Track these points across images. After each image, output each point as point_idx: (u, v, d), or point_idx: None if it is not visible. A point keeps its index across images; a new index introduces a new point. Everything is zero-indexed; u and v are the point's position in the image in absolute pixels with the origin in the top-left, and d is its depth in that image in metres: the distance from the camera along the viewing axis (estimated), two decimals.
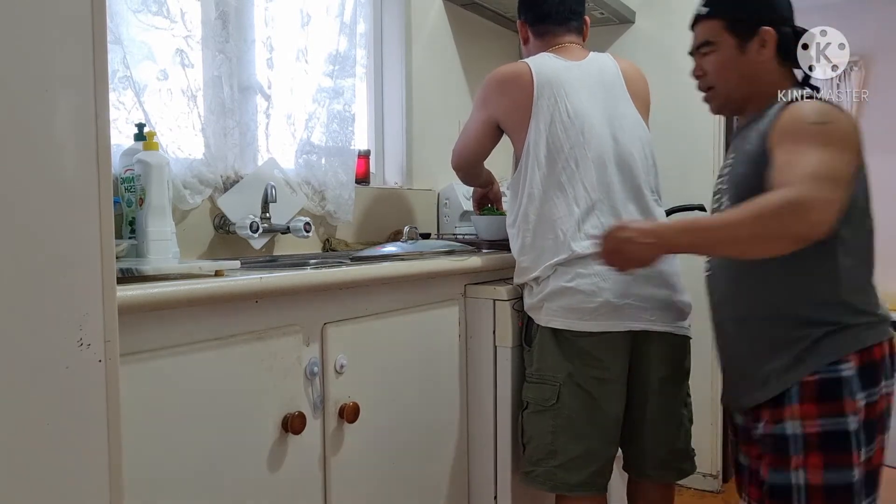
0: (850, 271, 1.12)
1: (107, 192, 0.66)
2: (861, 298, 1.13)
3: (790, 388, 1.11)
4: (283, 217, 1.63)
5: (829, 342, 1.10)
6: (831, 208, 1.00)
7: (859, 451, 1.08)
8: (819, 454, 1.08)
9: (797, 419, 1.10)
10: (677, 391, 1.50)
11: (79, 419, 0.66)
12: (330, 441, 1.20)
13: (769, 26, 1.20)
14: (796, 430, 1.10)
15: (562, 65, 1.48)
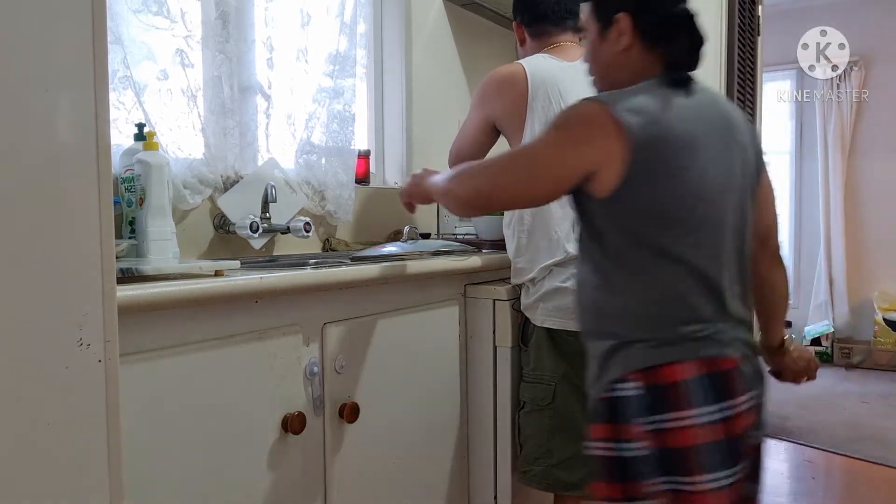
0: (654, 280, 0.98)
1: (107, 191, 0.66)
2: (661, 311, 0.97)
3: (595, 405, 1.01)
4: (283, 217, 1.64)
5: (617, 358, 0.98)
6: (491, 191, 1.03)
7: (640, 482, 0.95)
8: (601, 482, 0.98)
9: (593, 440, 0.99)
10: None
11: (79, 419, 0.66)
12: (330, 441, 1.20)
13: (627, 12, 1.07)
14: (593, 451, 0.99)
15: (556, 65, 1.48)
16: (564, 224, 1.41)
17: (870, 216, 4.65)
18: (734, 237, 1.02)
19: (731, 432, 0.93)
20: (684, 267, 0.97)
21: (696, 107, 1.04)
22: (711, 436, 0.92)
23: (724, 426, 0.93)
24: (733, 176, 1.03)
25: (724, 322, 0.98)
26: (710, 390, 0.93)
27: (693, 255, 0.97)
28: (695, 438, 0.92)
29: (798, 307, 4.96)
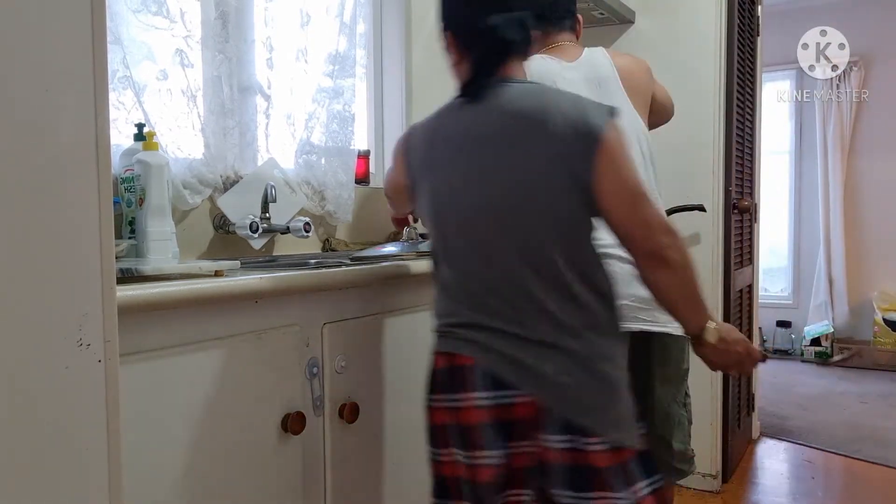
0: (435, 278, 1.17)
1: (106, 192, 0.66)
2: (435, 306, 1.16)
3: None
4: (283, 217, 1.64)
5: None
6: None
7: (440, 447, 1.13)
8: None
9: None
10: (676, 391, 1.50)
11: (78, 419, 0.66)
12: (330, 441, 1.20)
13: (449, 29, 1.17)
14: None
15: (556, 66, 1.48)
16: None
17: (869, 216, 4.65)
18: (498, 249, 1.07)
19: (461, 421, 1.08)
20: (447, 271, 1.12)
21: (458, 123, 1.12)
22: (448, 419, 1.10)
23: (456, 414, 1.08)
24: (487, 189, 1.07)
25: (471, 326, 1.08)
26: (448, 380, 1.09)
27: (450, 263, 1.11)
28: (441, 418, 1.11)
29: (798, 307, 4.96)
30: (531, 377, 1.05)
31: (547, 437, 1.05)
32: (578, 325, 1.06)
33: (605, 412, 1.06)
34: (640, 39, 2.55)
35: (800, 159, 4.94)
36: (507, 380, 1.05)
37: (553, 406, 1.04)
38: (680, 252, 1.07)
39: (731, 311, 2.51)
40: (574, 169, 1.03)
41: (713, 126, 2.43)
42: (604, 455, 1.04)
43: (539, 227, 1.05)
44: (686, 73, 2.44)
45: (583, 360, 1.05)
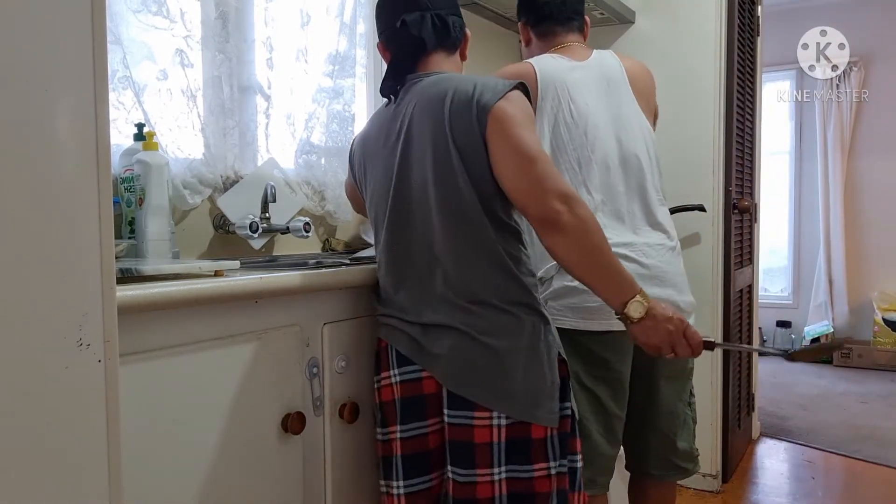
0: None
1: (106, 192, 0.66)
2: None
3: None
4: (283, 217, 1.64)
5: None
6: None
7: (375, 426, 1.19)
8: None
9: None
10: (681, 391, 1.50)
11: (78, 419, 0.66)
12: (329, 441, 1.20)
13: (379, 38, 1.28)
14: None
15: (566, 65, 1.48)
16: None
17: (869, 216, 4.65)
18: (414, 229, 1.13)
19: (380, 398, 1.17)
20: (380, 260, 1.20)
21: (381, 123, 1.21)
22: (374, 400, 1.19)
23: (378, 393, 1.18)
24: (403, 171, 1.13)
25: (386, 308, 1.18)
26: (375, 364, 1.20)
27: (382, 252, 1.18)
28: (382, 400, 1.17)
29: (798, 307, 4.96)
30: (426, 354, 1.11)
31: (444, 411, 1.10)
32: (474, 297, 1.09)
33: (491, 385, 1.07)
34: (641, 39, 2.55)
35: (800, 159, 4.94)
36: (412, 358, 1.12)
37: (441, 381, 1.10)
38: (575, 217, 1.04)
39: (731, 311, 2.51)
40: (469, 140, 1.07)
41: (713, 126, 2.43)
42: (487, 430, 1.06)
43: (445, 203, 1.09)
44: (686, 73, 2.44)
45: (470, 334, 1.08)
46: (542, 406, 1.08)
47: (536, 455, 1.07)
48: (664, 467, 1.51)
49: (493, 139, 1.07)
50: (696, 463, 1.54)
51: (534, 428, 1.07)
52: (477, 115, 1.07)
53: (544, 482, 1.08)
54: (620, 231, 1.40)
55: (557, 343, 1.15)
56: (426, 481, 1.13)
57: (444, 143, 1.09)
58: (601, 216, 1.41)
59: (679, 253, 1.48)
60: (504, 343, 1.08)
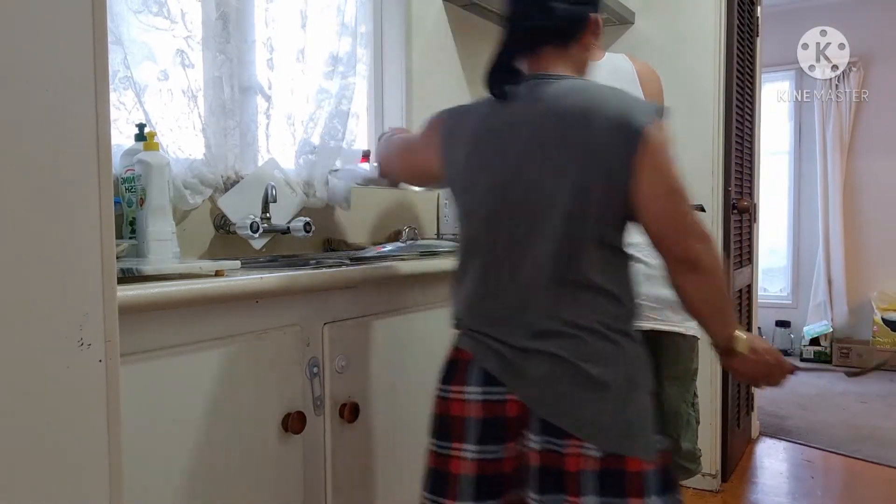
0: (454, 277, 1.19)
1: (107, 192, 0.67)
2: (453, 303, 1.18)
3: None
4: (284, 217, 1.64)
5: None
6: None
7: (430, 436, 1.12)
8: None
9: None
10: (684, 391, 1.51)
11: (79, 419, 0.66)
12: (330, 441, 1.20)
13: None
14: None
15: None
16: None
17: (869, 216, 4.65)
18: (526, 244, 1.05)
19: (444, 410, 1.09)
20: (468, 265, 1.14)
21: (490, 109, 1.12)
22: (435, 409, 1.11)
23: (442, 403, 1.10)
24: (520, 181, 1.05)
25: (473, 320, 1.11)
26: (444, 372, 1.12)
27: (472, 257, 1.12)
28: (433, 407, 1.12)
29: (797, 307, 4.97)
30: (518, 378, 1.04)
31: (529, 436, 1.04)
32: (580, 322, 1.03)
33: (586, 415, 1.02)
34: (640, 40, 2.55)
35: (799, 159, 4.94)
36: (500, 378, 1.05)
37: (532, 406, 1.03)
38: (712, 258, 1.05)
39: None
40: (612, 167, 1.00)
41: (712, 126, 2.44)
42: (578, 459, 1.01)
43: (571, 224, 1.02)
44: (686, 73, 2.44)
45: (569, 360, 1.02)
46: (638, 439, 1.03)
47: (631, 489, 1.01)
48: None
49: (644, 169, 1.00)
50: (698, 463, 1.54)
51: (629, 461, 1.01)
52: (628, 138, 1.00)
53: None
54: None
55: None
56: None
57: (582, 163, 1.01)
58: None
59: None
60: (603, 371, 1.02)
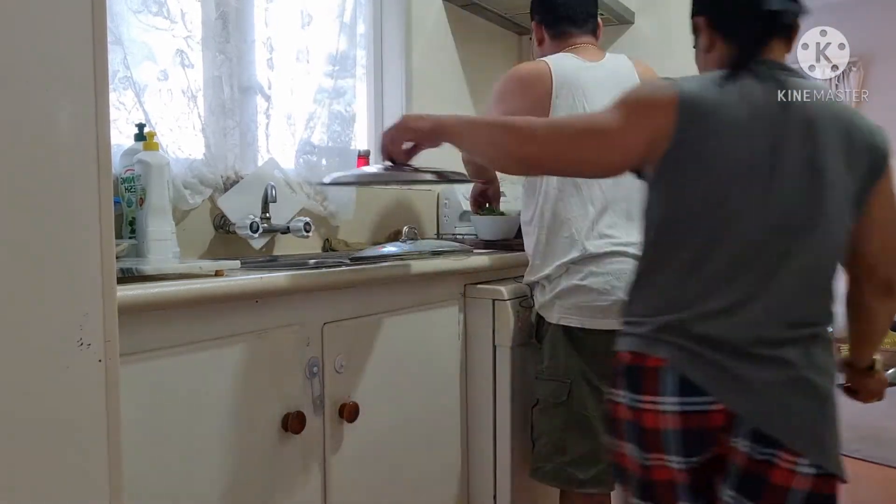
0: (647, 278, 1.05)
1: (107, 192, 0.67)
2: (639, 305, 1.04)
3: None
4: (283, 217, 1.64)
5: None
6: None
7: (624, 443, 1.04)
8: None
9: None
10: None
11: (79, 419, 0.66)
12: (329, 440, 1.20)
13: (700, 15, 1.11)
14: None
15: (580, 64, 1.48)
16: (584, 222, 1.41)
17: None
18: (802, 246, 0.97)
19: (637, 419, 1.00)
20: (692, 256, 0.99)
21: (750, 92, 0.99)
22: (621, 414, 1.02)
23: (634, 412, 1.00)
24: (802, 181, 0.96)
25: (679, 315, 0.98)
26: (628, 379, 1.01)
27: (711, 250, 0.97)
28: (617, 412, 1.04)
29: None
30: (733, 387, 0.96)
31: (738, 441, 0.97)
32: (813, 329, 0.97)
33: (808, 429, 0.95)
34: (640, 40, 2.55)
35: None
36: (707, 388, 0.96)
37: (749, 417, 0.95)
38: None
39: None
40: (859, 183, 0.99)
41: None
42: (789, 474, 0.94)
43: (831, 235, 0.98)
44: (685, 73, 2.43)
45: (797, 369, 0.95)
46: (840, 458, 0.97)
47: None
48: None
49: (881, 196, 1.00)
50: None
51: (836, 484, 0.95)
52: (878, 160, 0.99)
53: None
54: (629, 230, 1.41)
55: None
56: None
57: (845, 175, 0.97)
58: (613, 215, 1.41)
59: None
60: (826, 383, 0.97)
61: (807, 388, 0.95)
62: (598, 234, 1.40)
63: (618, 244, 1.39)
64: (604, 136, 1.01)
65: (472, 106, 2.44)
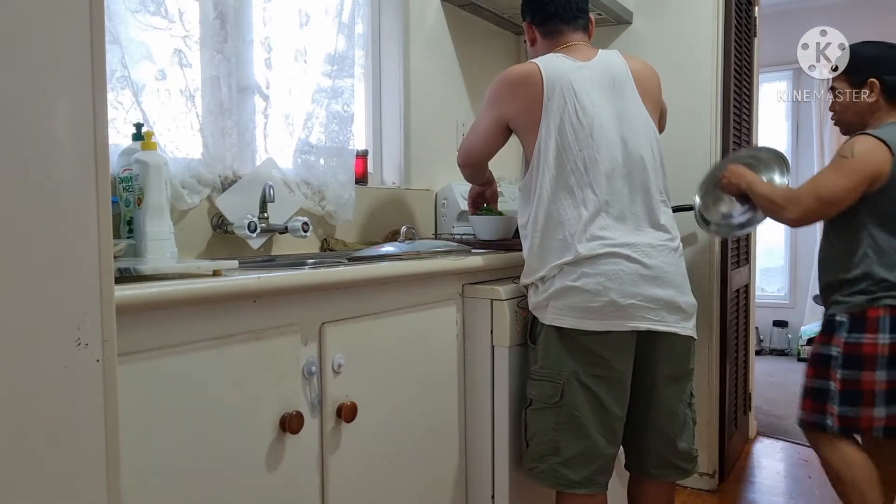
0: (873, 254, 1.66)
1: (105, 191, 0.67)
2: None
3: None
4: (282, 217, 1.64)
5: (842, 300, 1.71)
6: (802, 211, 1.72)
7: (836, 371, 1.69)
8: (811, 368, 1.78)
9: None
10: (681, 391, 1.51)
11: (77, 419, 0.66)
12: (328, 441, 1.20)
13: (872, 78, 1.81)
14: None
15: (571, 65, 1.48)
16: (577, 225, 1.41)
17: None
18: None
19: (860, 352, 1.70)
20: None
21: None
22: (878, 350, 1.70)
23: (857, 347, 1.71)
24: None
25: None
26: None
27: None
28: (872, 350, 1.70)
29: (794, 307, 4.97)
30: None
31: None
32: None
33: None
34: (638, 40, 2.55)
35: (796, 159, 4.94)
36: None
37: None
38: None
39: (727, 310, 2.51)
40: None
41: (710, 126, 2.44)
42: None
43: None
44: (683, 73, 2.44)
45: None
46: None
47: None
48: (663, 467, 1.51)
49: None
50: (695, 463, 1.54)
51: None
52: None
53: None
54: (623, 232, 1.41)
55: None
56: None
57: None
58: (605, 217, 1.41)
59: (681, 254, 1.49)
60: None
61: None
62: (590, 236, 1.40)
63: (610, 245, 1.39)
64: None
65: (470, 106, 2.45)
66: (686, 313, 1.46)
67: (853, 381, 1.66)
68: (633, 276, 1.37)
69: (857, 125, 1.79)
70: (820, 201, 1.67)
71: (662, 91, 1.62)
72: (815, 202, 1.67)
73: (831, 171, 1.68)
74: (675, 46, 2.47)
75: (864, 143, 1.66)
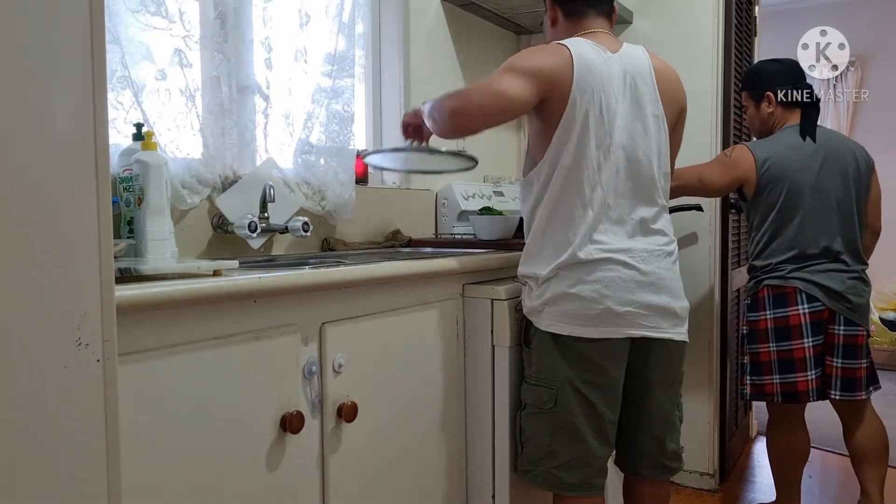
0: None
1: (105, 191, 0.67)
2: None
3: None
4: (282, 217, 1.64)
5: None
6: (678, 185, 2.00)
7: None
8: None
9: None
10: (672, 395, 1.51)
11: (77, 419, 0.66)
12: (328, 440, 1.20)
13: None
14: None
15: (602, 56, 1.40)
16: (580, 226, 1.37)
17: None
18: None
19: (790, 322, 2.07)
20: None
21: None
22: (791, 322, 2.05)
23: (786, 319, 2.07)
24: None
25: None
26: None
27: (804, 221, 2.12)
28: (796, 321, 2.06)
29: None
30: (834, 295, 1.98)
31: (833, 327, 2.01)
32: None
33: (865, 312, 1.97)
34: (638, 40, 2.55)
35: None
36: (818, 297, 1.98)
37: (841, 311, 2.01)
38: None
39: (728, 310, 2.51)
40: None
41: (710, 126, 2.44)
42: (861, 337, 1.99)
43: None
44: (683, 73, 2.42)
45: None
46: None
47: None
48: (654, 468, 1.52)
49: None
50: (681, 461, 1.56)
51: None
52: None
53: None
54: (620, 236, 1.39)
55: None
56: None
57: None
58: (606, 220, 1.38)
59: (676, 257, 1.47)
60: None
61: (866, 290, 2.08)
62: (590, 240, 1.37)
63: (607, 251, 1.36)
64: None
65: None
66: (680, 318, 1.45)
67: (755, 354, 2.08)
68: (630, 282, 1.36)
69: (766, 132, 2.15)
70: (701, 182, 2.05)
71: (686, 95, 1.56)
72: (695, 181, 2.05)
73: (714, 162, 2.12)
74: (676, 46, 2.47)
75: (739, 150, 2.08)
